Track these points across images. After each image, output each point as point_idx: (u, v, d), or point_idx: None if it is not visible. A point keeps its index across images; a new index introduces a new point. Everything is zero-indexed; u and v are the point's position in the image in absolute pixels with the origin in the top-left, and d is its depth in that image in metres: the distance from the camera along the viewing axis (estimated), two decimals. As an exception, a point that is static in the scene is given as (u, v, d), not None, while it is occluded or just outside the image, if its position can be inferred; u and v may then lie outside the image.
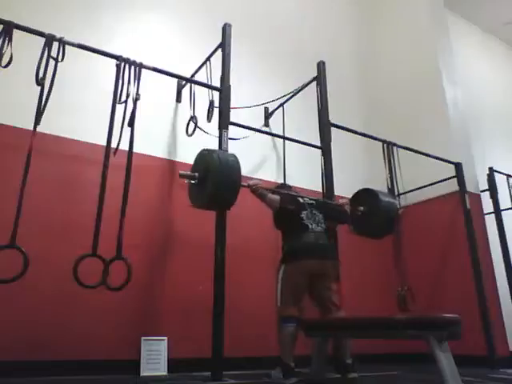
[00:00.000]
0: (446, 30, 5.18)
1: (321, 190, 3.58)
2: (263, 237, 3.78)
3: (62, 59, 2.47)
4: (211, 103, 3.19)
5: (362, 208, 3.18)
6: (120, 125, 2.52)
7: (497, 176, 4.79)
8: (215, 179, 2.50)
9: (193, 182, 2.65)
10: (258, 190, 2.78)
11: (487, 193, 4.72)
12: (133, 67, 2.68)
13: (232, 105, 3.10)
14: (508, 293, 4.34)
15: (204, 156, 2.67)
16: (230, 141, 2.97)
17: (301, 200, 2.87)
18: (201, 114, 3.26)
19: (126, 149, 2.53)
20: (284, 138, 3.89)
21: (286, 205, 2.76)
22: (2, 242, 2.08)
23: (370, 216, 3.15)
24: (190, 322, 3.13)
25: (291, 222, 2.75)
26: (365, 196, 3.27)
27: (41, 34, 2.44)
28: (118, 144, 2.51)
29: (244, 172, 3.85)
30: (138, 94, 2.64)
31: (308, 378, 2.58)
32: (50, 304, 2.72)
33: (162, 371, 2.91)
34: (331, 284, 2.71)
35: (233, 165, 2.58)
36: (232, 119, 3.07)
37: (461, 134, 4.62)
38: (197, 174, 2.62)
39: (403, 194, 4.11)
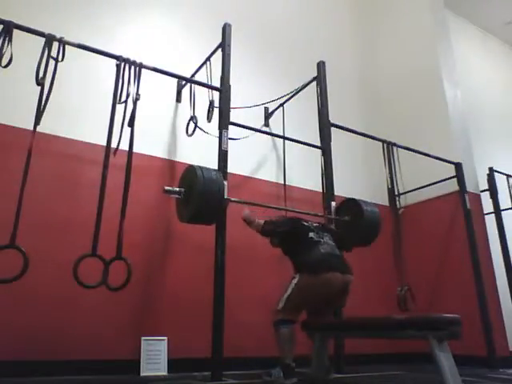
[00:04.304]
0: (446, 30, 5.18)
1: (321, 190, 3.58)
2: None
3: (62, 59, 2.47)
4: (211, 103, 3.19)
5: (346, 217, 3.26)
6: (120, 125, 2.52)
7: (497, 176, 4.80)
8: (198, 196, 2.54)
9: (178, 197, 2.72)
10: (247, 219, 2.81)
11: (487, 193, 4.72)
12: (133, 67, 2.68)
13: (232, 105, 3.10)
14: (508, 293, 4.34)
15: (189, 172, 2.71)
16: (230, 141, 2.97)
17: (305, 223, 2.74)
18: (201, 114, 3.27)
19: (126, 149, 2.53)
20: (284, 137, 3.89)
21: (283, 229, 2.70)
22: (1, 242, 2.08)
23: (354, 224, 3.22)
24: (190, 322, 3.13)
25: (301, 243, 2.61)
26: (348, 206, 3.35)
27: (41, 34, 2.44)
28: (118, 144, 2.51)
29: (244, 172, 3.92)
30: (138, 94, 2.64)
31: (308, 378, 2.58)
32: (50, 304, 2.72)
33: (162, 371, 2.91)
34: (345, 302, 2.65)
35: (216, 182, 2.61)
36: (232, 119, 3.07)
37: (461, 134, 4.62)
38: (183, 190, 2.69)
39: (403, 193, 4.11)
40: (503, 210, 4.71)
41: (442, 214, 4.38)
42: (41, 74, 2.34)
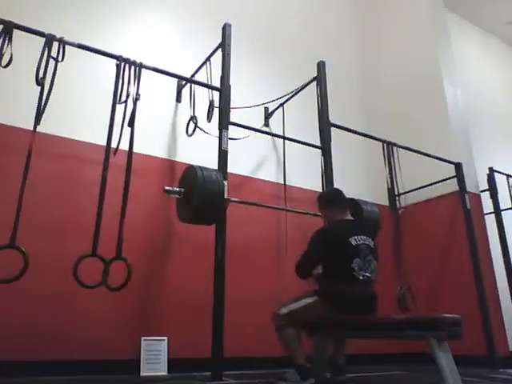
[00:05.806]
0: (446, 30, 5.18)
1: (321, 190, 3.58)
2: (264, 236, 3.78)
3: (62, 59, 2.47)
4: (211, 103, 3.19)
5: None
6: (120, 125, 2.52)
7: (497, 176, 4.80)
8: (199, 196, 2.55)
9: (178, 197, 2.73)
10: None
11: (487, 193, 4.72)
12: (133, 67, 2.68)
13: (232, 105, 3.10)
14: (508, 293, 4.34)
15: (189, 172, 2.72)
16: (230, 141, 2.97)
17: (353, 242, 2.34)
18: (201, 114, 3.27)
19: (126, 149, 2.53)
20: (284, 138, 3.89)
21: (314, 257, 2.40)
22: (1, 242, 2.08)
23: None
24: (190, 322, 3.13)
25: (338, 269, 2.33)
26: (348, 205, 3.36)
27: (41, 34, 2.44)
28: (118, 144, 2.51)
29: (244, 172, 3.92)
30: (138, 94, 2.63)
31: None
32: (50, 304, 2.72)
33: (162, 371, 2.91)
34: None
35: (216, 182, 2.61)
36: (232, 119, 3.07)
37: (461, 134, 4.62)
38: (183, 190, 2.70)
39: (403, 193, 4.11)
40: (503, 209, 4.71)
41: (442, 214, 4.38)
42: (41, 74, 2.34)
